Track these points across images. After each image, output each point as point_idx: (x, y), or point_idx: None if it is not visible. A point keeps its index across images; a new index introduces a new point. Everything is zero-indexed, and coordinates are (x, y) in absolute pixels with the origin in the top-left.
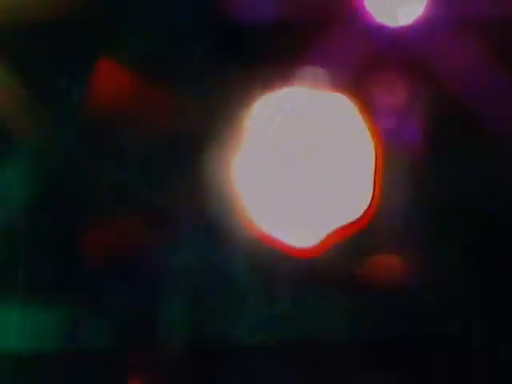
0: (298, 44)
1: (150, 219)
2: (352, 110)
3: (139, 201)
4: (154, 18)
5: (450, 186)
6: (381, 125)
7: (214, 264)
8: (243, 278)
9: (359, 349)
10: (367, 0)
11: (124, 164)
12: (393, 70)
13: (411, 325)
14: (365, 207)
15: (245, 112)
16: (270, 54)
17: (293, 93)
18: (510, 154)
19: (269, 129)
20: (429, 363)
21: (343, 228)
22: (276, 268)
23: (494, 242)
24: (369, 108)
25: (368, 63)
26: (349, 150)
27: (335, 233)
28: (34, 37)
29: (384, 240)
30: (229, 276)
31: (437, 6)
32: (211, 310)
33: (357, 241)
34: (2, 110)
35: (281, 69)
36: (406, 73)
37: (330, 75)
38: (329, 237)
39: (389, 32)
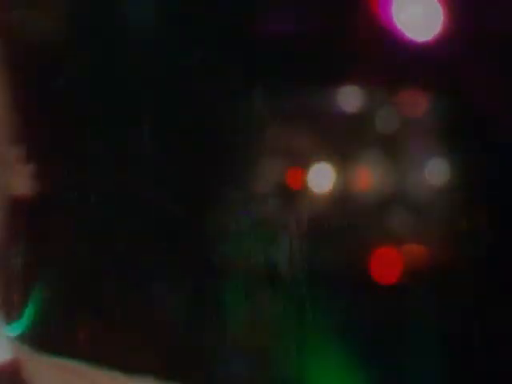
0: (323, 58)
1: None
2: None
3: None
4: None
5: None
6: (404, 134)
7: None
8: None
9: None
10: (395, 14)
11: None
12: (420, 83)
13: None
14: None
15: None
16: (294, 68)
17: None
18: None
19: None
20: (429, 363)
21: None
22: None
23: (494, 241)
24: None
25: (395, 77)
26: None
27: None
28: None
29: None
30: None
31: (462, 19)
32: None
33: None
34: None
35: (306, 83)
36: (432, 86)
37: (357, 89)
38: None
39: (416, 46)
